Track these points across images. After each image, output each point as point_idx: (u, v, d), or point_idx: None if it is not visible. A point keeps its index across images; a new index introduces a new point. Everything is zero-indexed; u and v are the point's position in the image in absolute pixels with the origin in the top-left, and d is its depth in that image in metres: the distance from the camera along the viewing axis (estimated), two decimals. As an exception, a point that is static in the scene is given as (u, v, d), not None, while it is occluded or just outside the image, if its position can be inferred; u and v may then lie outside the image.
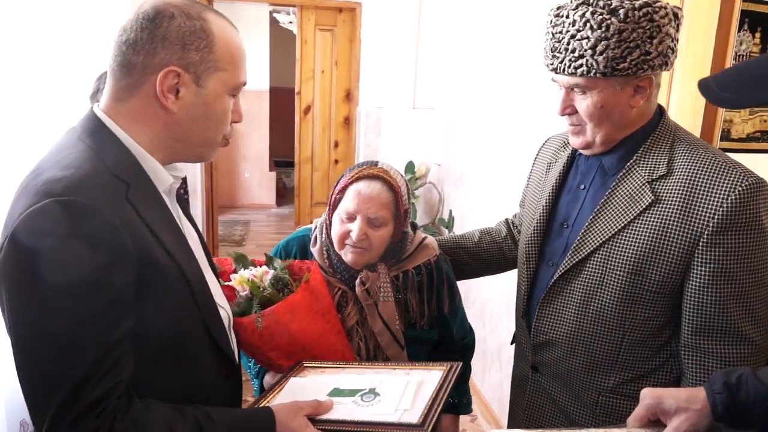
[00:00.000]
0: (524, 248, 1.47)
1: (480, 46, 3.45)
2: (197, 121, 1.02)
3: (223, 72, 1.02)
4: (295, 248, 1.55)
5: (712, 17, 1.61)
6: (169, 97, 0.98)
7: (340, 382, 1.22)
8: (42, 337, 0.85)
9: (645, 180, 1.25)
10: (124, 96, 0.99)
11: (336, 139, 4.77)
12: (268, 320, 1.27)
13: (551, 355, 1.40)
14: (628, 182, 1.27)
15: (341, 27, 4.57)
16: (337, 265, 1.48)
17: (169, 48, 0.96)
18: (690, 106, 1.70)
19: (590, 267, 1.30)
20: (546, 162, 1.51)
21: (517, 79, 2.81)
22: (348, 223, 1.43)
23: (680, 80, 1.74)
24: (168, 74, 0.97)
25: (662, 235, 1.21)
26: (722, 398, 0.96)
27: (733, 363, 1.21)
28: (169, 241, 0.98)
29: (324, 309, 1.38)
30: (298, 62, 4.64)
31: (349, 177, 1.44)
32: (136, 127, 1.00)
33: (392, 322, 1.48)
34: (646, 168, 1.26)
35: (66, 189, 0.86)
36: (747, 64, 1.03)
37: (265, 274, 1.35)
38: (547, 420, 1.45)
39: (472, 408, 1.78)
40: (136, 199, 0.95)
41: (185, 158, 1.10)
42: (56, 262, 0.84)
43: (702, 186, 1.19)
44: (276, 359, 1.33)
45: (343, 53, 4.60)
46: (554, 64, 1.24)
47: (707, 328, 1.22)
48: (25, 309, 0.85)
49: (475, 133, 3.53)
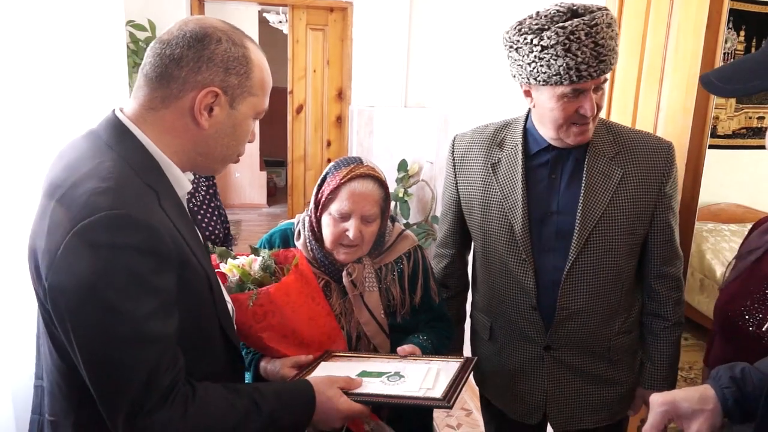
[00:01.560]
0: (515, 244, 1.55)
1: (471, 44, 3.48)
2: (223, 139, 1.09)
3: (254, 97, 1.09)
4: (278, 241, 1.60)
5: (701, 16, 1.65)
6: (204, 114, 1.04)
7: (368, 366, 1.36)
8: (111, 341, 0.92)
9: (607, 159, 1.51)
10: (158, 106, 1.04)
11: (328, 138, 4.79)
12: (263, 299, 1.32)
13: (569, 328, 1.58)
14: (596, 164, 1.50)
15: (333, 26, 4.59)
16: (321, 259, 1.53)
17: (213, 69, 1.02)
18: (680, 104, 1.74)
19: (596, 241, 1.50)
20: (481, 163, 1.63)
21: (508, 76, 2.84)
22: (342, 223, 1.47)
23: (670, 79, 1.78)
24: (208, 93, 1.03)
25: (637, 198, 1.50)
26: (731, 392, 0.99)
27: (679, 277, 1.60)
28: (194, 245, 1.05)
29: (313, 292, 1.43)
30: (290, 62, 4.65)
31: (341, 177, 1.46)
32: (163, 137, 1.05)
33: (377, 312, 1.54)
34: (602, 149, 1.52)
35: (115, 202, 0.92)
36: (744, 59, 1.11)
37: (253, 262, 1.41)
38: (569, 387, 1.63)
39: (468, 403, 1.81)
40: (166, 206, 1.01)
41: (202, 170, 1.16)
42: (114, 270, 0.90)
43: (647, 155, 1.51)
44: (267, 340, 1.37)
45: (334, 52, 4.62)
46: (600, 68, 1.37)
47: (668, 257, 1.57)
48: (91, 317, 0.91)
49: (467, 130, 3.56)
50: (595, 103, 1.42)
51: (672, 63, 1.76)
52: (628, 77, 1.92)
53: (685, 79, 1.72)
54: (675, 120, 1.75)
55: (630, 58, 1.91)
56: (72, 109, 1.85)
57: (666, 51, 1.78)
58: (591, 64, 1.35)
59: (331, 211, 1.47)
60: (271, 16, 6.82)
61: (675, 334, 1.62)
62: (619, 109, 1.96)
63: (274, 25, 6.92)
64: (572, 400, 1.63)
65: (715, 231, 3.28)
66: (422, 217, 4.31)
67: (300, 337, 1.39)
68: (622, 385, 1.65)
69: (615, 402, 1.65)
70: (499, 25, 3.03)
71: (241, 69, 1.05)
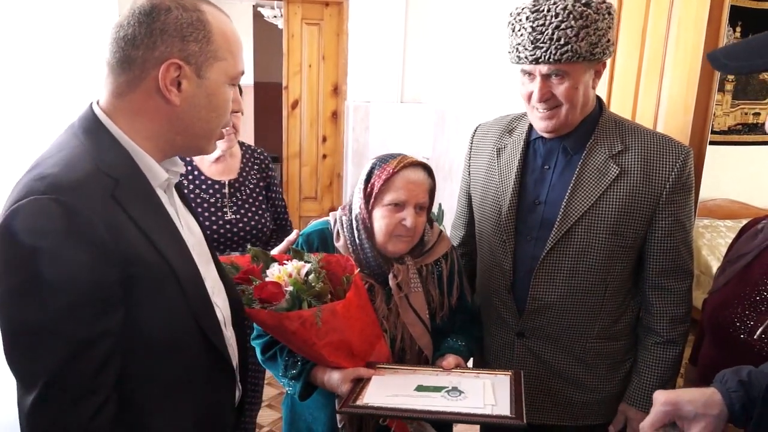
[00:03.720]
0: (500, 227, 1.58)
1: (467, 39, 3.47)
2: (200, 112, 1.03)
3: (222, 61, 1.03)
4: (317, 242, 1.56)
5: (702, 11, 1.64)
6: (172, 90, 0.99)
7: (419, 380, 1.34)
8: (21, 326, 0.88)
9: (607, 156, 1.47)
10: (125, 91, 1.00)
11: (324, 133, 4.75)
12: (328, 316, 1.28)
13: (543, 318, 1.57)
14: (593, 159, 1.48)
15: (328, 21, 4.55)
16: (366, 260, 1.49)
17: (168, 41, 0.97)
18: (681, 100, 1.72)
19: (575, 235, 1.48)
20: (491, 147, 1.66)
21: (504, 71, 2.82)
22: (397, 213, 1.44)
23: (671, 74, 1.76)
24: (169, 67, 0.97)
25: (631, 200, 1.45)
26: (738, 396, 0.97)
27: (683, 294, 1.52)
28: (161, 239, 0.99)
29: (365, 303, 1.40)
30: (285, 57, 4.61)
31: (393, 167, 1.44)
32: (136, 122, 1.00)
33: (423, 313, 1.51)
34: (605, 146, 1.48)
35: (49, 187, 0.88)
36: (754, 38, 1.11)
37: (301, 268, 1.36)
38: (537, 379, 1.61)
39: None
40: (123, 196, 0.95)
41: (186, 151, 1.10)
42: (35, 257, 0.85)
43: (655, 157, 1.46)
44: (328, 355, 1.34)
45: (330, 47, 4.59)
46: (536, 54, 1.38)
47: (668, 269, 1.50)
48: (5, 298, 0.88)
49: (463, 125, 3.55)
50: (545, 91, 1.41)
51: (672, 58, 1.75)
52: (628, 72, 1.91)
53: (686, 74, 1.70)
54: (676, 116, 1.74)
55: (630, 53, 1.89)
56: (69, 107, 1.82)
57: (666, 46, 1.77)
58: (527, 47, 1.38)
59: (385, 201, 1.45)
60: (265, 10, 6.77)
61: (669, 353, 1.54)
62: (619, 104, 1.94)
63: (269, 20, 6.87)
64: (538, 391, 1.61)
65: (711, 227, 3.27)
66: (418, 213, 4.29)
67: (350, 348, 1.37)
68: (593, 392, 1.60)
69: (580, 405, 1.61)
70: (496, 19, 3.01)
71: (198, 34, 0.99)
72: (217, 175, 2.07)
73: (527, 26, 1.37)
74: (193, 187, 2.02)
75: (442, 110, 3.98)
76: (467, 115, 3.48)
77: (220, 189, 2.05)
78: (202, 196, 2.03)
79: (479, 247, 1.72)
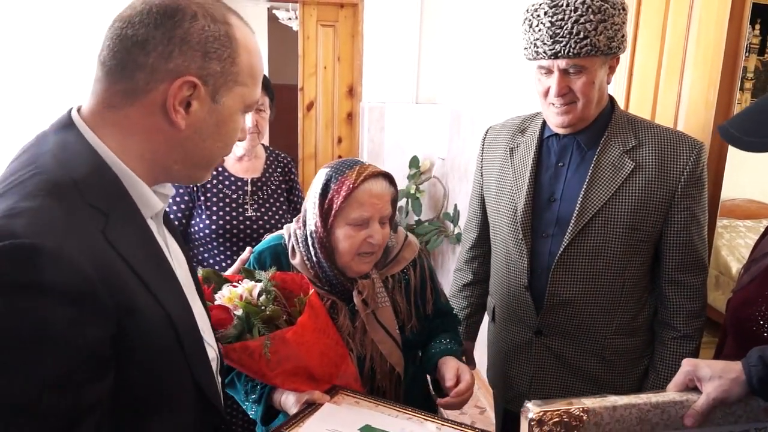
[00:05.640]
0: (515, 225, 1.58)
1: (482, 39, 3.46)
2: (205, 141, 0.88)
3: (242, 87, 0.88)
4: (269, 259, 1.43)
5: (724, 7, 1.62)
6: (180, 111, 0.84)
7: (374, 419, 1.22)
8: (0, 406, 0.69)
9: (621, 151, 1.48)
10: (120, 103, 0.83)
11: (339, 135, 4.76)
12: (278, 345, 1.19)
13: (561, 315, 1.56)
14: (607, 155, 1.49)
15: (343, 23, 4.57)
16: (328, 278, 1.39)
17: (189, 54, 0.82)
18: (702, 98, 1.71)
19: (593, 231, 1.49)
20: (504, 148, 1.67)
21: (520, 71, 2.81)
22: (362, 231, 1.34)
23: (691, 72, 1.75)
24: (184, 84, 0.82)
25: (647, 194, 1.47)
26: (757, 370, 1.00)
27: (698, 288, 1.53)
28: (155, 281, 0.83)
29: (323, 325, 1.31)
30: (300, 58, 4.63)
31: (353, 181, 1.33)
32: (127, 141, 0.84)
33: (393, 328, 1.43)
34: (619, 141, 1.50)
35: (26, 229, 0.70)
36: (757, 105, 1.17)
37: (254, 289, 1.25)
38: (554, 377, 1.61)
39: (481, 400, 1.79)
40: (115, 234, 0.79)
41: (178, 180, 0.94)
42: (13, 318, 0.68)
43: (669, 151, 1.47)
44: (282, 384, 1.29)
45: (345, 49, 4.60)
46: (556, 49, 1.38)
47: (684, 264, 1.51)
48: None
49: (478, 126, 3.54)
50: (563, 86, 1.42)
51: (693, 56, 1.73)
52: (648, 70, 1.89)
53: (707, 72, 1.68)
54: (697, 114, 1.72)
55: (650, 51, 1.88)
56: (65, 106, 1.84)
57: (687, 43, 1.75)
58: (546, 42, 1.39)
59: (348, 220, 1.34)
60: (280, 12, 6.81)
61: (685, 347, 1.54)
62: (638, 102, 1.93)
63: (284, 22, 6.91)
64: (555, 390, 1.60)
65: (731, 227, 3.23)
66: (434, 214, 4.29)
67: (310, 373, 1.30)
68: (612, 388, 1.58)
69: None
70: (511, 19, 3.01)
71: (223, 52, 0.84)
72: (241, 173, 2.11)
73: (546, 21, 1.38)
74: (216, 182, 2.06)
75: (458, 111, 3.97)
76: (483, 115, 3.48)
77: (242, 186, 2.09)
78: (225, 191, 2.06)
79: (494, 247, 1.73)
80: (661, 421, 1.00)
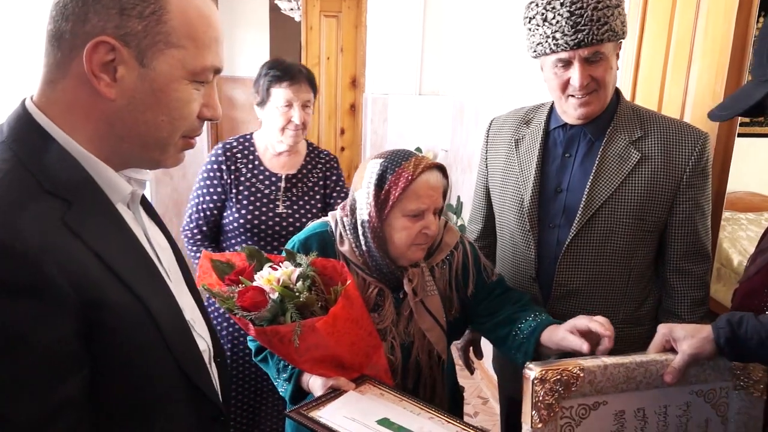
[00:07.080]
0: (522, 216, 1.59)
1: (486, 31, 3.45)
2: (144, 113, 0.80)
3: (178, 49, 0.79)
4: (315, 245, 1.42)
5: (732, 0, 1.62)
6: (103, 78, 0.77)
7: (394, 413, 1.20)
8: None
9: (627, 142, 1.49)
10: (56, 76, 0.78)
11: (342, 126, 4.77)
12: (307, 333, 1.18)
13: (569, 304, 1.56)
14: (614, 145, 1.50)
15: (346, 13, 4.56)
16: (376, 265, 1.40)
17: (103, 12, 0.75)
18: (710, 90, 1.71)
19: (599, 221, 1.50)
20: (509, 139, 1.67)
21: (524, 62, 2.81)
22: (418, 222, 1.35)
23: (699, 63, 1.75)
24: (97, 46, 0.75)
25: (653, 184, 1.48)
26: (724, 332, 1.10)
27: (702, 277, 1.55)
28: (128, 271, 0.78)
29: (357, 315, 1.30)
30: (303, 49, 4.63)
31: (411, 173, 1.33)
32: (70, 120, 0.79)
33: (440, 316, 1.44)
34: (625, 132, 1.50)
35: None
36: (740, 90, 1.30)
37: (293, 273, 1.25)
38: None
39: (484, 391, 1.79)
40: (78, 222, 0.74)
41: (136, 163, 0.86)
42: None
43: (674, 141, 1.48)
44: (309, 370, 1.31)
45: (348, 40, 4.60)
46: (578, 38, 1.38)
47: (689, 253, 1.53)
48: None
49: (481, 117, 3.54)
50: (586, 75, 1.41)
51: (701, 46, 1.73)
52: (655, 60, 1.89)
53: (715, 63, 1.68)
54: (704, 106, 1.72)
55: (657, 41, 1.88)
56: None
57: (694, 34, 1.75)
58: (567, 33, 1.38)
59: (405, 212, 1.34)
60: (282, 3, 6.77)
61: None
62: (645, 93, 1.93)
63: (286, 12, 6.88)
64: None
65: (732, 219, 3.25)
66: (436, 205, 4.30)
67: (340, 361, 1.30)
68: None
69: None
70: (514, 10, 3.00)
71: (144, 9, 0.76)
72: (276, 168, 2.07)
73: (563, 12, 1.37)
74: (250, 176, 2.04)
75: (461, 102, 3.97)
76: (486, 106, 3.48)
77: (276, 182, 2.06)
78: (257, 186, 2.04)
79: (500, 238, 1.73)
80: (644, 379, 1.12)
